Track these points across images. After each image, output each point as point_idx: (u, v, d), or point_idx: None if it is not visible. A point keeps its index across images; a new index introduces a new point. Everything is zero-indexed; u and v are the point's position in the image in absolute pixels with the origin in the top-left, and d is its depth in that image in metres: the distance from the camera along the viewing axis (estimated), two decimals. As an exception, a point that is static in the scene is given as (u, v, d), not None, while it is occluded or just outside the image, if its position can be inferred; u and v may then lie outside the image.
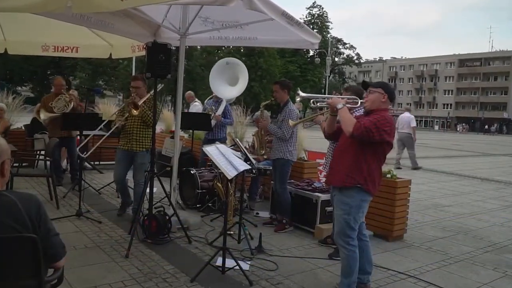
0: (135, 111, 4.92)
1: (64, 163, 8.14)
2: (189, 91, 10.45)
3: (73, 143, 7.23)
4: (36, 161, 8.10)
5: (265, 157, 6.14)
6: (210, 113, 7.06)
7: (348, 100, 3.55)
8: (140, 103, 4.98)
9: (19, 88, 45.64)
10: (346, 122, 3.29)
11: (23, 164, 7.88)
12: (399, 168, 11.96)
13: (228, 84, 6.91)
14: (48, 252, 1.86)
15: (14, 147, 7.09)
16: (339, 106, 3.37)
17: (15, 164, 6.13)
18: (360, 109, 4.11)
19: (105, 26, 4.91)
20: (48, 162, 6.30)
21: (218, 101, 7.26)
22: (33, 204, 1.84)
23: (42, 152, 7.71)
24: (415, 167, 12.35)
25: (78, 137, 7.19)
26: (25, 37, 6.76)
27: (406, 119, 12.19)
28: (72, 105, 6.72)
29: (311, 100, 3.69)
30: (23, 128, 8.77)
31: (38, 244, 1.76)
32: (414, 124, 12.18)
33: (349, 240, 3.37)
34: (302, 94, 3.71)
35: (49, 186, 5.99)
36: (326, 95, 3.66)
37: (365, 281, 3.60)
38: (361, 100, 3.61)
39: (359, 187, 3.29)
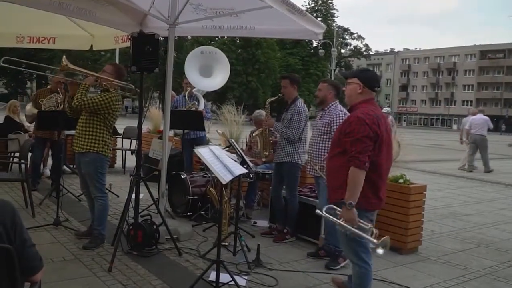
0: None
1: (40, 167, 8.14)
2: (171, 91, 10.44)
3: (59, 145, 7.23)
4: (10, 164, 8.10)
5: (264, 159, 6.16)
6: (193, 109, 7.12)
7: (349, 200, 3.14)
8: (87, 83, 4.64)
9: (-9, 83, 45.63)
10: (358, 184, 3.09)
11: (-4, 168, 7.88)
12: (471, 171, 13.26)
13: (201, 75, 6.90)
14: (24, 264, 1.87)
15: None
16: (351, 206, 3.08)
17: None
18: (343, 113, 4.31)
19: (85, 15, 4.93)
20: (23, 165, 6.30)
21: (191, 96, 7.32)
22: (8, 212, 1.85)
23: (17, 154, 7.72)
24: (488, 171, 13.37)
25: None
26: (-2, 28, 6.79)
27: (481, 120, 13.42)
28: (62, 107, 6.72)
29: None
30: (-5, 127, 8.77)
31: (14, 255, 1.78)
32: (491, 126, 13.65)
33: (360, 254, 3.31)
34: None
35: (24, 191, 6.00)
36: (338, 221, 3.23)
37: None
38: None
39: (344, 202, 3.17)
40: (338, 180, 3.23)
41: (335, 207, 3.23)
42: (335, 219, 3.17)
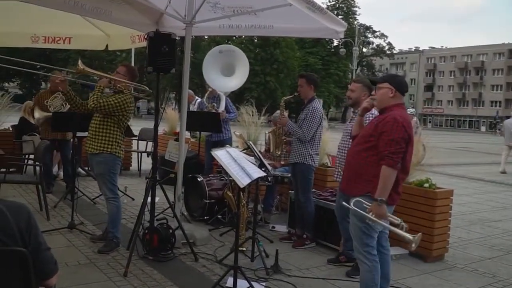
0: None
1: (55, 169, 8.26)
2: (189, 90, 10.48)
3: (67, 146, 7.35)
4: (25, 166, 8.23)
5: (282, 162, 6.16)
6: (213, 110, 7.14)
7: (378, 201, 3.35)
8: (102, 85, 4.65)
9: (6, 84, 46.54)
10: (390, 182, 3.32)
11: (11, 170, 8.03)
12: None
13: (223, 75, 6.94)
14: (38, 268, 1.90)
15: (1, 150, 7.23)
16: (383, 202, 3.29)
17: (2, 169, 6.26)
18: (372, 114, 4.35)
19: (101, 14, 4.99)
20: (37, 167, 6.40)
21: (214, 96, 7.35)
22: (23, 215, 1.89)
23: (31, 156, 7.85)
24: None
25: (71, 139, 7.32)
26: (13, 28, 6.92)
27: None
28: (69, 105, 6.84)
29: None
30: (10, 129, 8.94)
31: (29, 259, 1.81)
32: None
33: (370, 249, 3.50)
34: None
35: (39, 194, 6.09)
36: (366, 214, 3.41)
37: None
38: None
39: (369, 195, 3.42)
40: (364, 174, 3.45)
41: (362, 200, 3.41)
42: (365, 213, 3.37)
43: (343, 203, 3.56)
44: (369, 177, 3.42)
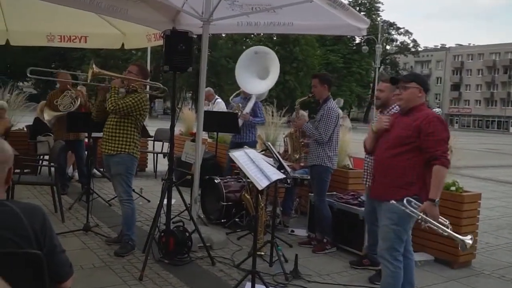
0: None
1: (70, 170, 8.37)
2: (208, 88, 10.56)
3: (81, 147, 7.44)
4: (39, 167, 8.35)
5: (302, 164, 6.14)
6: (237, 111, 7.13)
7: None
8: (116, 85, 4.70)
9: (21, 83, 47.33)
10: (443, 182, 3.51)
11: (25, 171, 8.17)
12: None
13: (258, 77, 6.99)
14: (53, 270, 1.93)
15: (16, 151, 7.35)
16: (438, 202, 3.37)
17: (16, 170, 6.35)
18: (394, 107, 4.33)
19: (117, 12, 5.05)
20: (52, 169, 6.48)
21: (247, 97, 7.33)
22: (38, 217, 1.91)
23: (46, 157, 7.96)
24: None
25: (86, 140, 7.41)
26: (28, 27, 7.05)
27: None
28: (79, 102, 6.92)
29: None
30: (25, 129, 9.09)
31: (43, 261, 1.83)
32: None
33: (397, 254, 3.53)
34: None
35: (54, 196, 6.17)
36: (418, 213, 3.43)
37: None
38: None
39: (416, 198, 3.44)
40: (407, 176, 3.49)
41: (412, 199, 3.43)
42: (417, 211, 3.38)
43: (394, 202, 3.43)
44: (412, 179, 3.47)
